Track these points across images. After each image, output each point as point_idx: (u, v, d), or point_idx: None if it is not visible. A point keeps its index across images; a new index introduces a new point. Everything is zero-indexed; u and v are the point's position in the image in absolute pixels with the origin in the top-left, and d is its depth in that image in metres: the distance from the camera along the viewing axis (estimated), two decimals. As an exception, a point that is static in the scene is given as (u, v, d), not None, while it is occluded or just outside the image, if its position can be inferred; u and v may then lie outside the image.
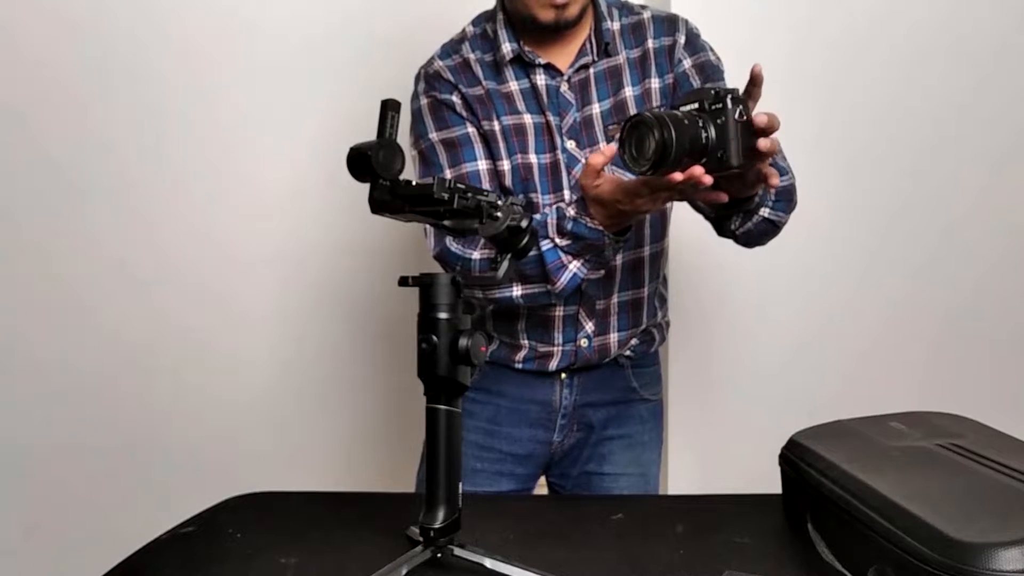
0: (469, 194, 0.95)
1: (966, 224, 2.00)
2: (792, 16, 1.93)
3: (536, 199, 1.34)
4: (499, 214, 1.00)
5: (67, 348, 2.03)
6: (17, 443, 2.03)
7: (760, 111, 1.06)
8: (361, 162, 0.92)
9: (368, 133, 0.94)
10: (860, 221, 1.98)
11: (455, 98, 1.35)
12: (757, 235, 1.30)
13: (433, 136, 1.34)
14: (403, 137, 0.97)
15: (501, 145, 1.34)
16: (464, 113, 1.34)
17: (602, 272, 1.30)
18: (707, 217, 1.34)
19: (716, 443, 1.99)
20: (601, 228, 1.18)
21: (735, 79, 1.31)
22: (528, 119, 1.34)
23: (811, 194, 1.42)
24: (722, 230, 1.33)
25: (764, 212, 1.25)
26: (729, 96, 1.03)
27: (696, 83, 1.34)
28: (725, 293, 1.99)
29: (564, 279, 1.24)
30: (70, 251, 2.01)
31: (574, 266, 1.23)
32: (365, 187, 0.95)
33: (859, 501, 0.98)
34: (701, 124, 1.02)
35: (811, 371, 1.99)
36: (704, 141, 1.02)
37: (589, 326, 1.38)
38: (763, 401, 1.97)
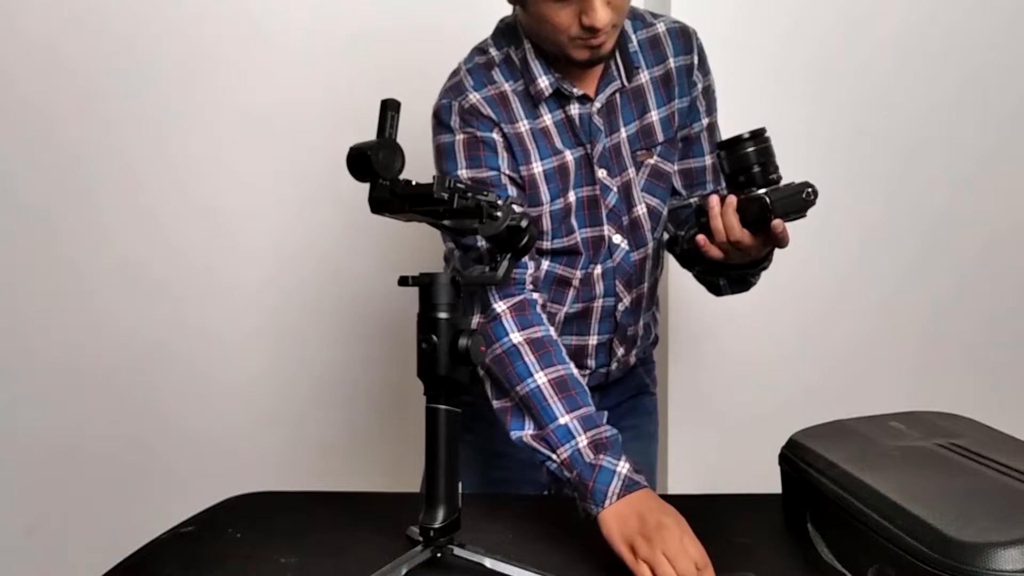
0: (469, 194, 0.96)
1: (967, 225, 2.00)
2: (778, 14, 1.92)
3: (574, 236, 1.29)
4: (499, 214, 1.00)
5: (66, 348, 2.03)
6: (17, 442, 2.03)
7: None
8: (361, 162, 0.92)
9: (367, 132, 0.94)
10: (856, 220, 1.98)
11: (496, 136, 1.24)
12: (708, 282, 1.36)
13: (462, 173, 1.24)
14: (403, 137, 0.96)
15: (542, 189, 1.26)
16: (504, 154, 1.25)
17: None
18: (669, 249, 1.41)
19: (716, 443, 1.99)
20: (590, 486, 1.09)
21: (721, 77, 1.36)
22: (569, 156, 1.27)
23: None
24: (680, 258, 1.41)
25: (720, 281, 1.31)
26: (812, 189, 1.13)
27: (701, 108, 1.33)
28: (725, 293, 1.98)
29: (514, 436, 1.16)
30: (68, 252, 2.01)
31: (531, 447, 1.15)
32: (365, 186, 0.95)
33: (859, 501, 0.98)
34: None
35: (811, 371, 1.98)
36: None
37: (620, 351, 1.38)
38: (763, 401, 1.97)
